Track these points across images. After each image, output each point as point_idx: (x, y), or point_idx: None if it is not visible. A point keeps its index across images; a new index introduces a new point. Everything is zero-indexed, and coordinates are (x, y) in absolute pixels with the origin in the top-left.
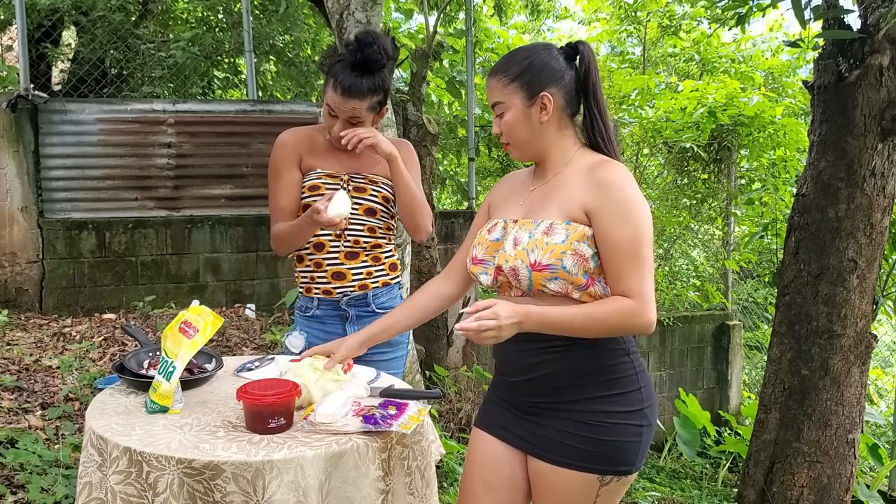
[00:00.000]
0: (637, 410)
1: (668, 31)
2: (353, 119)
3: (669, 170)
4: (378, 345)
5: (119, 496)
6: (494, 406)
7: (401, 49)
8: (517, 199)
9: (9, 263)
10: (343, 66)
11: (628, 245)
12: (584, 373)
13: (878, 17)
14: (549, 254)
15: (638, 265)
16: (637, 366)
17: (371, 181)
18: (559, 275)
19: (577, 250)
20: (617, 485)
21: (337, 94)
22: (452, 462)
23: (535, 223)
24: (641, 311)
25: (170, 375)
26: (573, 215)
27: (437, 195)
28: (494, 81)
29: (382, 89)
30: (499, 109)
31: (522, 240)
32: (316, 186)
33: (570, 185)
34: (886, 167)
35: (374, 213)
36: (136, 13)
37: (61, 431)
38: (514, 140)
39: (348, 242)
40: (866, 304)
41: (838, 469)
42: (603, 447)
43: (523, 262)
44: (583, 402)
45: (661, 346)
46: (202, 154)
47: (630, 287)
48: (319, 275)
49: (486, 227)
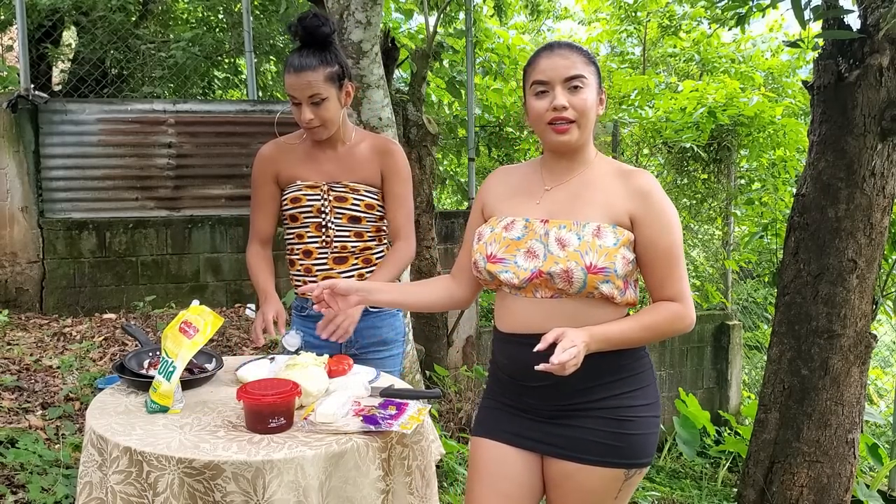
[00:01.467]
0: (654, 403)
1: (668, 32)
2: (315, 98)
3: (669, 170)
4: (373, 343)
5: (119, 496)
6: (499, 413)
7: (401, 49)
8: (529, 198)
9: (9, 263)
10: (292, 53)
11: (670, 251)
12: (610, 371)
13: (877, 17)
14: (603, 256)
15: (679, 270)
16: (648, 361)
17: (352, 189)
18: (611, 278)
19: (625, 255)
20: (636, 477)
21: (291, 75)
22: (452, 462)
23: (580, 224)
24: (686, 313)
25: (170, 375)
26: (619, 220)
27: (437, 195)
28: (576, 56)
29: (336, 61)
30: (578, 83)
31: (571, 241)
32: (297, 198)
33: (607, 189)
34: (886, 167)
35: (358, 221)
36: (136, 13)
37: (62, 431)
38: (584, 120)
39: (336, 248)
40: (866, 304)
41: (838, 469)
42: (630, 441)
43: (578, 264)
44: (611, 398)
45: (661, 345)
46: (202, 154)
47: (675, 291)
48: (310, 279)
49: (500, 223)
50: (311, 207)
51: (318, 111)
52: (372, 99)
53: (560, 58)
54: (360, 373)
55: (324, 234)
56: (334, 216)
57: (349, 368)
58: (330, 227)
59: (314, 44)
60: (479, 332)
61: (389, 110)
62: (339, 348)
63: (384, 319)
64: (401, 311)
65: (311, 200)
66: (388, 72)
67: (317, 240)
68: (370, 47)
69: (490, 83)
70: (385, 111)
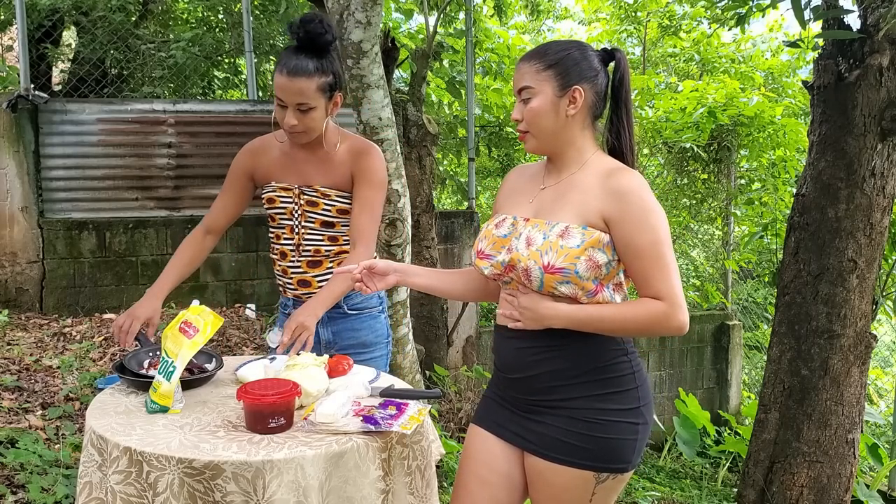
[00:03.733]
0: (633, 409)
1: (668, 32)
2: (302, 105)
3: (669, 170)
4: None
5: (119, 496)
6: (492, 403)
7: (401, 49)
8: (526, 196)
9: (9, 263)
10: (288, 51)
11: (651, 250)
12: (582, 371)
13: (877, 18)
14: (563, 257)
15: (662, 268)
16: (634, 365)
17: (323, 195)
18: (571, 279)
19: (591, 256)
20: (613, 482)
21: (283, 76)
22: (452, 462)
23: (549, 224)
24: (672, 313)
25: (170, 375)
26: (590, 221)
27: (437, 195)
28: (527, 66)
29: (331, 71)
30: (526, 94)
31: (536, 240)
32: (272, 199)
33: (586, 189)
34: (886, 167)
35: (332, 226)
36: (136, 13)
37: (61, 431)
38: (535, 128)
39: (307, 251)
40: (866, 304)
41: (838, 469)
42: (600, 445)
43: (536, 263)
44: (580, 399)
45: (661, 345)
46: (202, 154)
47: (658, 290)
48: (287, 280)
49: (494, 221)
50: (284, 209)
51: (303, 118)
52: (372, 99)
53: (517, 70)
54: (360, 373)
55: (294, 238)
56: (305, 220)
57: (349, 368)
58: (300, 233)
59: (313, 49)
60: (479, 332)
61: (389, 110)
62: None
63: (364, 322)
64: (383, 313)
65: (284, 203)
66: (388, 72)
67: (290, 242)
68: (370, 47)
69: (490, 83)
70: (385, 111)
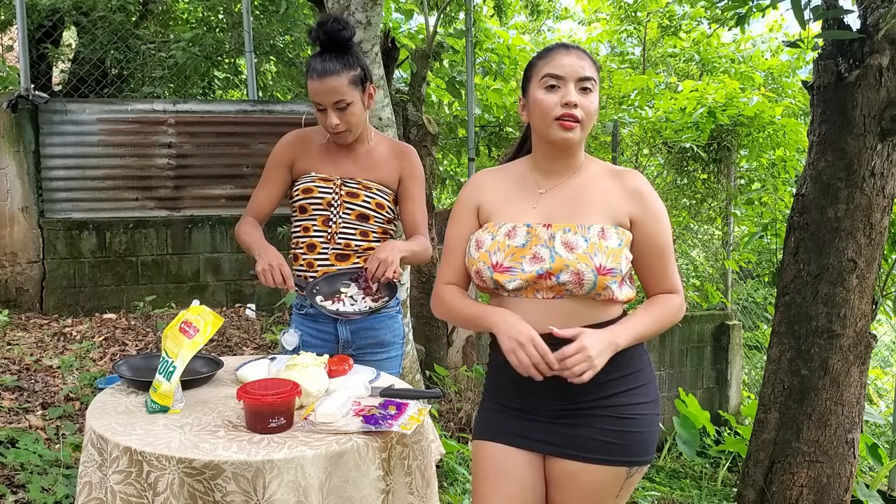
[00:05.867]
0: (654, 401)
1: (667, 32)
2: (340, 103)
3: (669, 170)
4: (370, 344)
5: (119, 496)
6: (502, 416)
7: (401, 49)
8: (525, 203)
9: (9, 263)
10: (314, 58)
11: (666, 248)
12: (615, 369)
13: (877, 18)
14: (610, 258)
15: (673, 264)
16: (648, 358)
17: (365, 187)
18: (617, 278)
19: (627, 255)
20: (637, 475)
21: (315, 80)
22: (452, 462)
23: (583, 227)
24: (683, 303)
25: (170, 375)
26: (620, 221)
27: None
28: (585, 60)
29: (358, 65)
30: (588, 85)
31: (579, 244)
32: (309, 189)
33: (605, 190)
34: (886, 167)
35: (366, 219)
36: (136, 13)
37: (62, 431)
38: (588, 123)
39: (339, 245)
40: (866, 304)
41: (838, 469)
42: (633, 439)
43: (588, 265)
44: (615, 396)
45: (661, 345)
46: (202, 154)
47: (672, 285)
48: (311, 274)
49: (500, 230)
50: (321, 200)
51: (344, 116)
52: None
53: (576, 57)
54: (361, 373)
55: (329, 228)
56: (343, 211)
57: (349, 368)
58: (336, 223)
59: (335, 48)
60: (479, 332)
61: (389, 110)
62: (337, 349)
63: (382, 321)
64: (400, 312)
65: (323, 193)
66: (388, 72)
67: (322, 234)
68: (370, 47)
69: (490, 83)
70: (385, 111)
